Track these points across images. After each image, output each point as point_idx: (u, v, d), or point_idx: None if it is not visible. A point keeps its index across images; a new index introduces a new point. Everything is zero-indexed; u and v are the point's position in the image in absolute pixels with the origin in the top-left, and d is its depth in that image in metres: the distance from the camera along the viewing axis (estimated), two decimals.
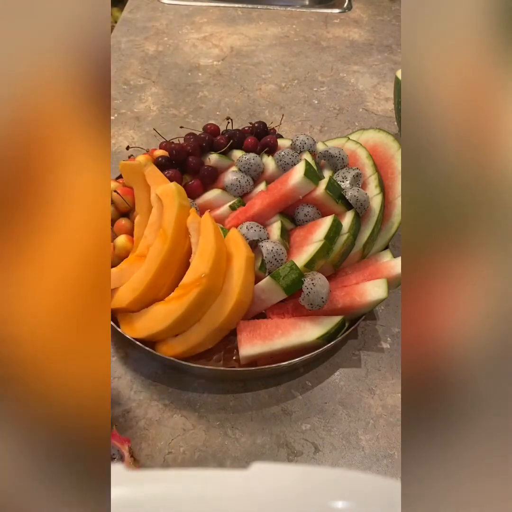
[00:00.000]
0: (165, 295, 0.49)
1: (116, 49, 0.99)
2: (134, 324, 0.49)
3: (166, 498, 0.21)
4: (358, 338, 0.55)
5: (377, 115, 0.87)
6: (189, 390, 0.50)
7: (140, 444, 0.46)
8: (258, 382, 0.50)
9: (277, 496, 0.21)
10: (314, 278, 0.48)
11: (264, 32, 1.07)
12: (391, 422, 0.48)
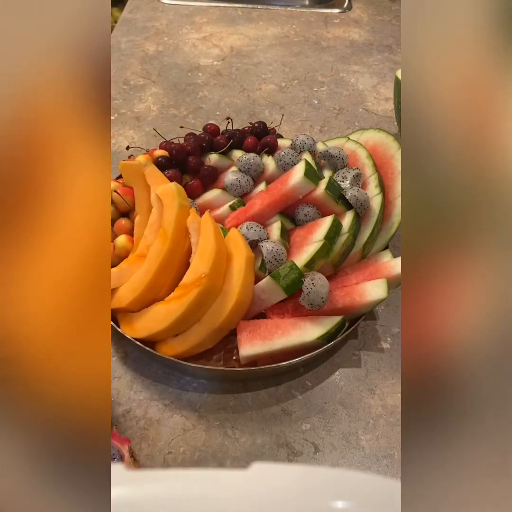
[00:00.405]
0: (165, 295, 0.49)
1: (116, 49, 0.99)
2: (134, 324, 0.49)
3: (166, 498, 0.21)
4: (358, 338, 0.55)
5: (377, 115, 0.87)
6: (189, 390, 0.50)
7: (140, 444, 0.46)
8: (258, 382, 0.50)
9: (277, 496, 0.21)
10: (314, 278, 0.48)
11: (264, 32, 1.07)
12: (391, 422, 0.48)
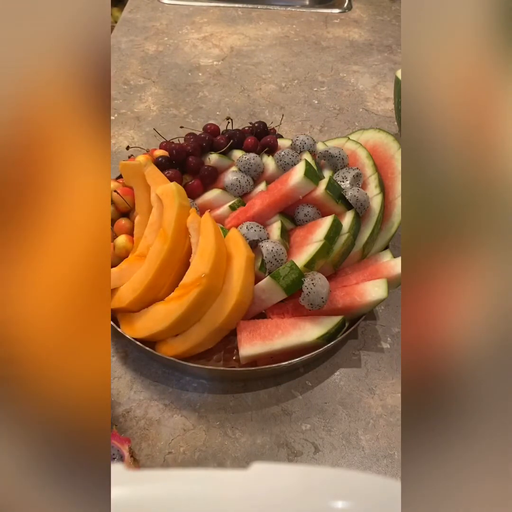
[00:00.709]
0: (165, 295, 0.49)
1: (116, 49, 0.99)
2: (134, 324, 0.49)
3: (166, 498, 0.21)
4: (358, 338, 0.55)
5: (377, 115, 0.87)
6: (189, 390, 0.50)
7: (140, 444, 0.46)
8: (258, 382, 0.50)
9: (277, 496, 0.21)
10: (314, 278, 0.48)
11: (264, 32, 1.07)
12: (391, 422, 0.48)
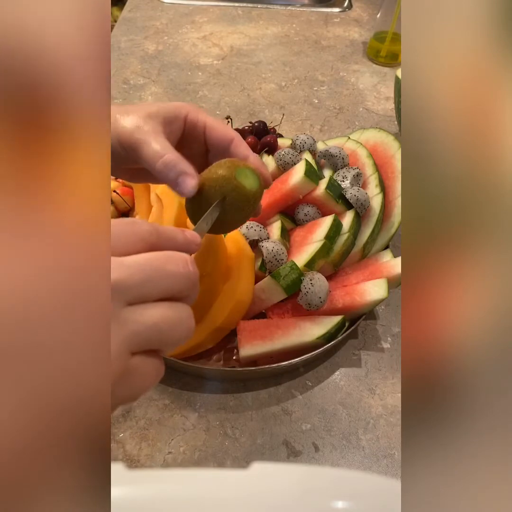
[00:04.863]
0: None
1: (116, 48, 0.99)
2: None
3: (166, 498, 0.21)
4: (358, 338, 0.55)
5: (378, 114, 0.86)
6: (189, 390, 0.50)
7: (140, 444, 0.46)
8: (258, 382, 0.50)
9: (277, 496, 0.21)
10: (313, 278, 0.48)
11: (264, 31, 1.07)
12: (391, 422, 0.48)
